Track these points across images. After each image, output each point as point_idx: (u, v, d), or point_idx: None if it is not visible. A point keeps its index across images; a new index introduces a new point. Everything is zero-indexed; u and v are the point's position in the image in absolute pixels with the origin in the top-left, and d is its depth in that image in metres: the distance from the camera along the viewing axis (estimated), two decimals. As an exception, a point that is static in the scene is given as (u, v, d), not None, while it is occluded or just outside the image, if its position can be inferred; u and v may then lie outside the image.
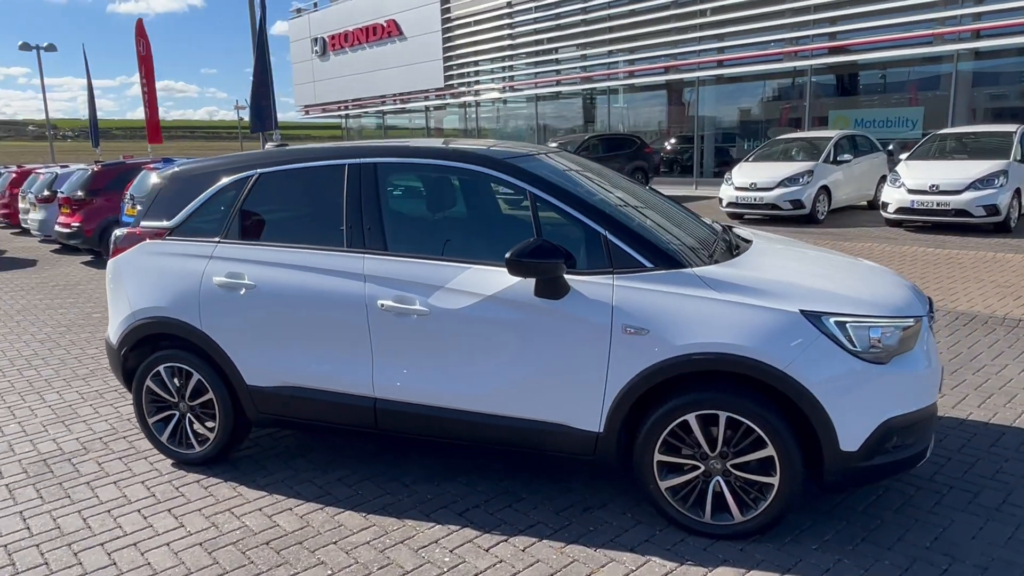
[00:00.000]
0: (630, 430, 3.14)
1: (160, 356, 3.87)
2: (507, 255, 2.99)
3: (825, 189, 12.83)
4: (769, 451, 2.92)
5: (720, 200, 13.52)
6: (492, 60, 25.55)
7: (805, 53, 18.22)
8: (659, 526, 3.18)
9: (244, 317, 3.64)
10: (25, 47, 30.06)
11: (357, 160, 3.58)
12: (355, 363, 3.47)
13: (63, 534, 3.32)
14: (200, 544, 3.19)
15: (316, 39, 31.94)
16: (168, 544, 3.20)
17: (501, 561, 2.98)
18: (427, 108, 29.71)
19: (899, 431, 2.94)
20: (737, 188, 13.10)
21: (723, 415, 2.95)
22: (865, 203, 14.31)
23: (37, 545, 3.23)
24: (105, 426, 4.59)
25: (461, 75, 26.66)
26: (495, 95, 26.21)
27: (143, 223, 3.99)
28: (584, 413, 3.13)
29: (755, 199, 12.82)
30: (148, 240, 3.93)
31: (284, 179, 3.77)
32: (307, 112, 34.76)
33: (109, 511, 3.52)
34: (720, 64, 20.10)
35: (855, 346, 2.88)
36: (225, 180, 3.83)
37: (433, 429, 3.41)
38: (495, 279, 3.18)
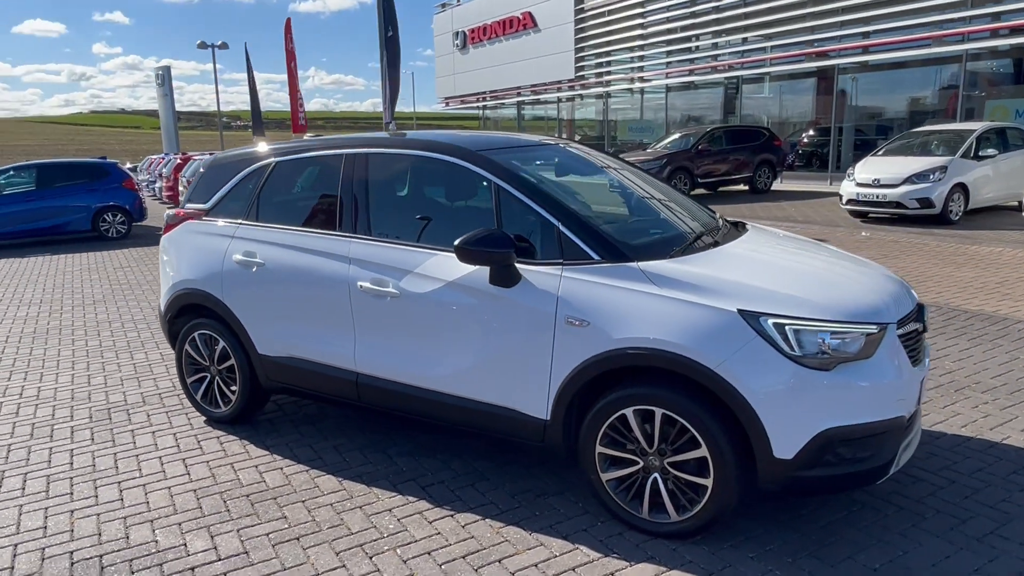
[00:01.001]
0: (576, 420, 3.17)
1: (195, 323, 4.35)
2: (455, 243, 3.12)
3: (961, 187, 11.70)
4: (703, 452, 2.86)
5: (840, 197, 12.68)
6: (623, 51, 25.27)
7: (959, 37, 16.57)
8: (603, 518, 3.19)
9: (255, 292, 4.02)
10: (202, 45, 33.40)
11: (352, 150, 3.84)
12: (342, 339, 3.73)
13: (95, 471, 3.85)
14: (194, 491, 3.60)
15: (457, 33, 32.99)
16: (169, 488, 3.64)
17: (438, 534, 3.14)
18: (559, 99, 29.88)
19: (845, 443, 2.78)
20: (859, 184, 12.24)
21: (659, 412, 2.92)
22: (1017, 203, 12.85)
23: (71, 478, 3.78)
24: (167, 384, 5.20)
25: (592, 66, 26.58)
26: (625, 86, 25.92)
27: (187, 205, 4.48)
28: (533, 400, 3.20)
29: (877, 196, 11.92)
30: (190, 220, 4.42)
31: (296, 167, 4.11)
32: (447, 104, 36.02)
33: (137, 456, 4.03)
34: (864, 50, 18.73)
35: (793, 350, 2.75)
36: (251, 167, 4.23)
37: (405, 406, 3.61)
38: (457, 266, 3.31)
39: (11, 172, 13.96)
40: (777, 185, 19.23)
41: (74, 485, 3.70)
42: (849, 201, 12.40)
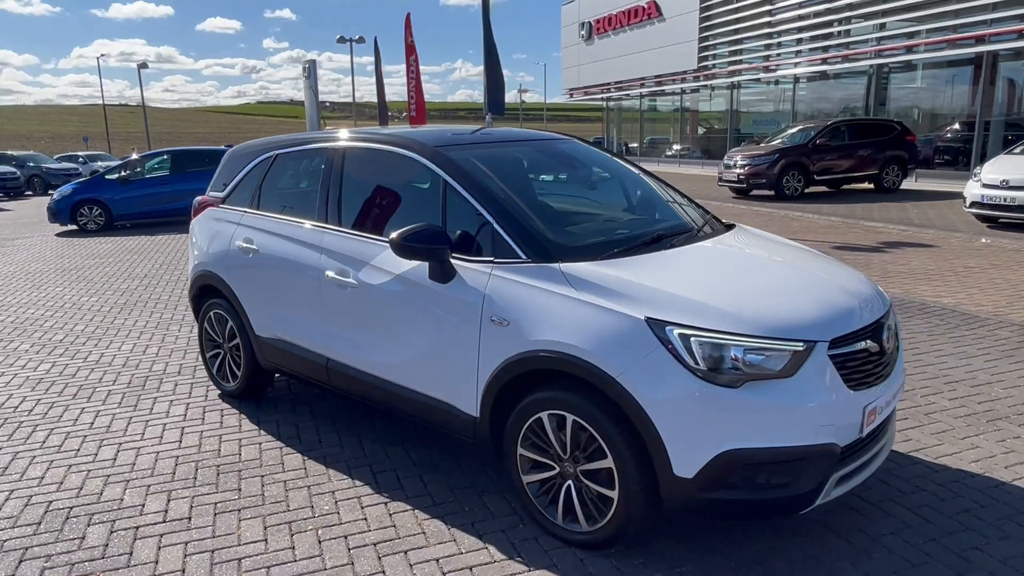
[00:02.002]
0: (502, 420, 3.15)
1: (211, 303, 4.69)
2: (391, 236, 3.18)
3: (1110, 192, 10.27)
4: (609, 463, 2.76)
5: (964, 200, 11.50)
6: (749, 39, 24.10)
7: None
8: (528, 521, 3.15)
9: (252, 276, 4.27)
10: (341, 40, 35.28)
11: (333, 144, 3.99)
12: (315, 325, 3.90)
13: (107, 432, 4.26)
14: (176, 457, 3.90)
15: (583, 23, 32.79)
16: (158, 452, 3.96)
17: (364, 519, 3.22)
18: (682, 91, 29.00)
19: (752, 467, 2.58)
20: (985, 185, 11.04)
21: (570, 418, 2.84)
22: None
23: (84, 436, 4.20)
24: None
25: (715, 56, 25.56)
26: (750, 76, 24.73)
27: (209, 192, 4.83)
28: (464, 396, 3.21)
29: (1005, 199, 10.70)
30: (210, 207, 4.76)
31: (292, 159, 4.32)
32: (571, 95, 35.93)
33: (147, 421, 4.41)
34: (1021, 35, 16.80)
35: (697, 364, 2.58)
36: (259, 158, 4.49)
37: (364, 393, 3.72)
38: (404, 260, 3.37)
39: (155, 157, 15.47)
40: (910, 184, 17.72)
41: (84, 443, 4.11)
42: (973, 204, 11.22)
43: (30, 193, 27.48)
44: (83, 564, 2.93)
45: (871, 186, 17.22)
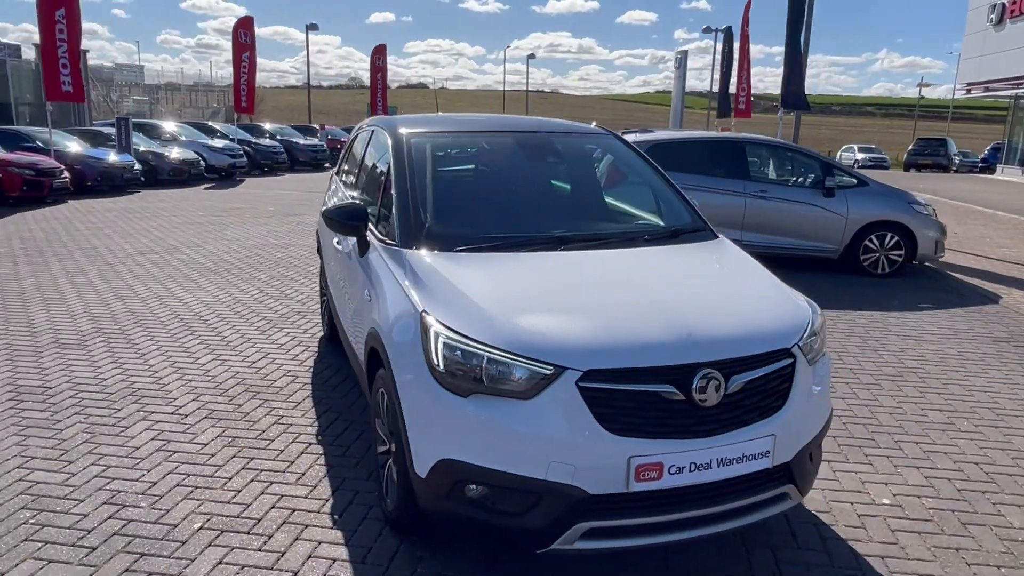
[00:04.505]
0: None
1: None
2: (322, 210, 3.53)
3: None
4: (391, 448, 2.79)
5: None
6: None
7: None
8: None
9: (326, 237, 4.93)
10: (707, 30, 34.92)
11: (369, 127, 4.44)
12: (340, 287, 4.36)
13: (224, 345, 5.36)
14: (223, 373, 4.75)
15: (993, 5, 27.29)
16: (226, 367, 4.87)
17: (265, 494, 3.27)
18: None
19: (473, 484, 2.39)
20: None
21: (386, 398, 2.91)
22: None
23: (207, 346, 5.35)
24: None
25: None
26: None
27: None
28: (360, 359, 3.43)
29: None
30: (332, 175, 5.58)
31: (359, 138, 4.87)
32: (969, 91, 30.30)
33: (250, 342, 5.41)
34: None
35: (437, 364, 2.46)
36: (353, 136, 5.14)
37: (347, 351, 4.14)
38: None
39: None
40: None
41: (195, 354, 5.21)
42: None
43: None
44: (236, 422, 3.90)
45: None
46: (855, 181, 8.64)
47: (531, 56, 53.64)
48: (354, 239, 3.55)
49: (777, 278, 3.14)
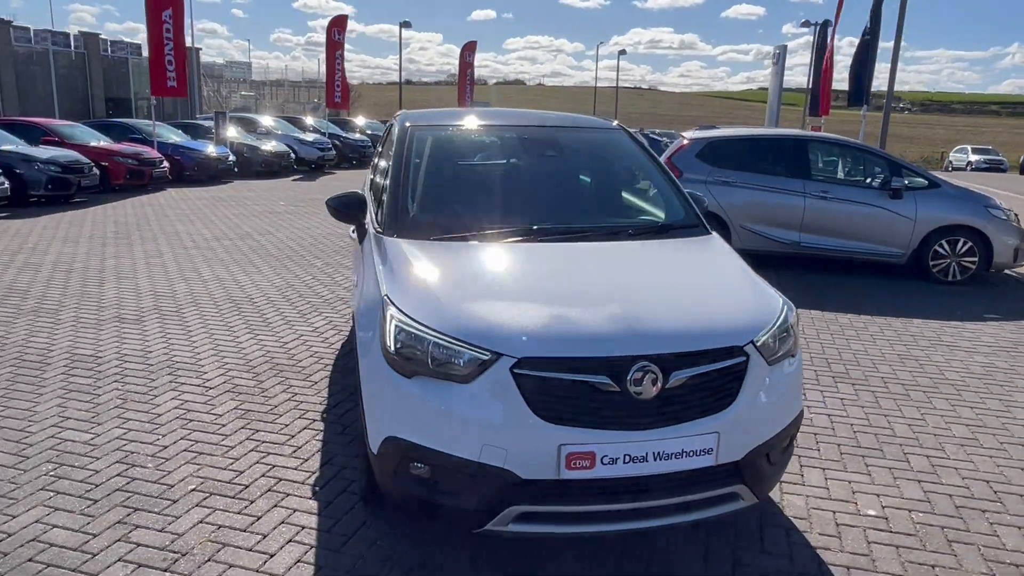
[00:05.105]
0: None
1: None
2: (326, 199, 3.72)
3: None
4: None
5: None
6: None
7: None
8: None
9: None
10: (806, 24, 33.51)
11: (394, 119, 4.60)
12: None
13: (264, 324, 5.70)
14: (253, 350, 5.06)
15: None
16: (258, 343, 5.20)
17: (259, 464, 3.66)
18: None
19: (416, 463, 2.50)
20: None
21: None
22: None
23: (250, 329, 5.70)
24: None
25: None
26: None
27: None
28: None
29: None
30: (371, 165, 5.81)
31: (388, 128, 5.05)
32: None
33: (285, 323, 5.73)
34: None
35: (389, 345, 2.58)
36: (388, 126, 5.33)
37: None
38: None
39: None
40: None
41: (236, 333, 5.59)
42: None
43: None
44: (253, 397, 4.26)
45: None
46: (926, 182, 8.19)
47: (622, 52, 52.87)
48: (353, 227, 3.73)
49: (758, 277, 3.09)
